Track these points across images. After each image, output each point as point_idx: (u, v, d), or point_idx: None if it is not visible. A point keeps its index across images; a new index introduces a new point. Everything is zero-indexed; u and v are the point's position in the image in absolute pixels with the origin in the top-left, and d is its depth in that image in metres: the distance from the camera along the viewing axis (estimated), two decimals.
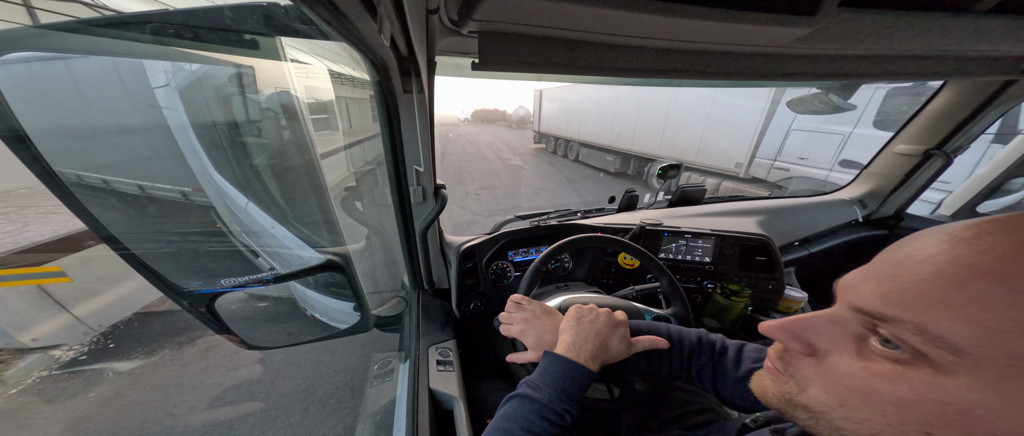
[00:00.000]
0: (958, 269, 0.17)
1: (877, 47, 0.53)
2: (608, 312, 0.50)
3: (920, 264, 0.19)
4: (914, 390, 0.18)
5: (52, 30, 0.40)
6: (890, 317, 0.19)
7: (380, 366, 0.93)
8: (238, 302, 1.06)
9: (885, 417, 0.19)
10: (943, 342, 0.17)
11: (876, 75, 0.67)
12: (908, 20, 0.46)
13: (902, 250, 0.21)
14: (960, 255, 0.18)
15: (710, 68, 0.57)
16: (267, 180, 1.30)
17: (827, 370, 0.23)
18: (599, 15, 0.39)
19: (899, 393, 0.19)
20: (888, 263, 0.21)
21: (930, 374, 0.18)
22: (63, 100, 0.73)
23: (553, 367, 0.42)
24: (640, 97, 6.38)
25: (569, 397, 0.40)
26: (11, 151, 0.43)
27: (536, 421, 0.37)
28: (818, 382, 0.23)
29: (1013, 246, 0.16)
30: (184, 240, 1.11)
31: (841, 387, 0.22)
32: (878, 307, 0.20)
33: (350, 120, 4.66)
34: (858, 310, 0.22)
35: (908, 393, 0.19)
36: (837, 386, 0.22)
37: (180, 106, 1.03)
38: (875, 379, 0.20)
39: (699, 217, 1.19)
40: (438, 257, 0.96)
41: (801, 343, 0.24)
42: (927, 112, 1.12)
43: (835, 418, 0.22)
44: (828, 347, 0.23)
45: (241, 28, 0.42)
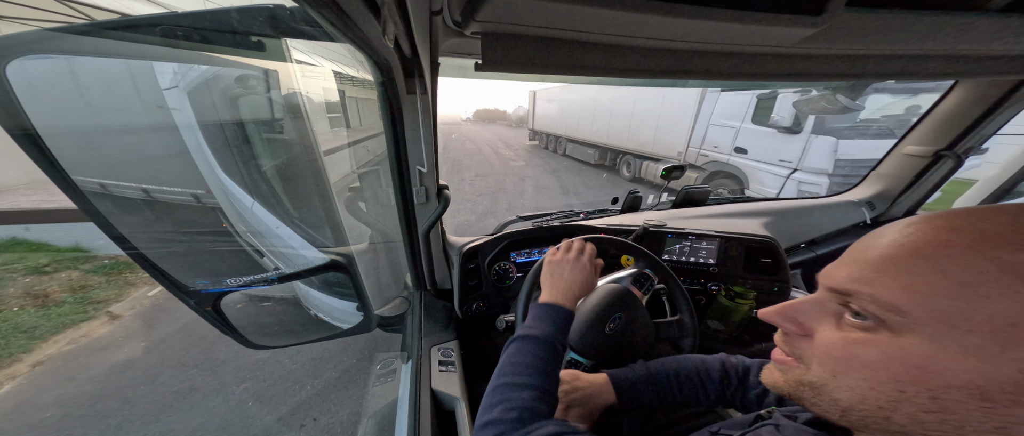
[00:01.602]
0: (895, 250, 0.22)
1: (885, 47, 0.52)
2: (568, 251, 0.59)
3: (874, 248, 0.24)
4: (881, 352, 0.22)
5: (65, 33, 0.41)
6: (854, 292, 0.24)
7: (383, 366, 0.93)
8: (243, 301, 1.08)
9: (867, 381, 0.23)
10: (891, 306, 0.22)
11: (884, 75, 0.66)
12: (917, 20, 0.45)
13: (864, 240, 0.25)
14: (895, 239, 0.23)
15: (715, 68, 0.57)
16: (272, 180, 1.31)
17: (817, 345, 0.26)
18: (602, 16, 0.39)
19: (871, 356, 0.23)
20: (854, 251, 0.26)
21: (890, 336, 0.22)
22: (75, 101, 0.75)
23: (538, 311, 0.51)
24: (613, 98, 7.21)
25: (558, 331, 0.48)
26: (23, 150, 0.44)
27: (536, 351, 0.45)
28: (815, 359, 0.26)
29: (931, 230, 0.22)
30: (191, 240, 1.13)
31: (829, 358, 0.25)
32: (845, 285, 0.24)
33: (356, 119, 4.82)
34: (832, 290, 0.26)
35: (877, 355, 0.22)
36: (826, 357, 0.25)
37: (188, 107, 1.04)
38: (852, 346, 0.24)
39: (703, 218, 1.18)
40: (441, 257, 0.96)
41: (794, 323, 0.28)
42: (937, 113, 1.10)
43: (832, 389, 0.25)
44: (815, 325, 0.27)
45: (248, 30, 0.42)
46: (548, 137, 11.64)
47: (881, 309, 0.22)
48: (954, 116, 1.07)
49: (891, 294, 0.22)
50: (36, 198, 3.26)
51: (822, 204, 1.36)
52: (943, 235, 0.21)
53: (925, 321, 0.20)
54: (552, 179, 7.23)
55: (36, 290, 2.57)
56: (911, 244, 0.22)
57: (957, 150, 1.10)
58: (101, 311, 2.42)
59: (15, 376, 1.85)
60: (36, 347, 2.06)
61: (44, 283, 2.67)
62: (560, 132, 10.30)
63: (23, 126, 0.43)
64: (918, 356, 0.20)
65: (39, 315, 2.34)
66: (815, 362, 0.26)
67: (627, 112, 6.74)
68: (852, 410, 0.24)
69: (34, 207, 3.11)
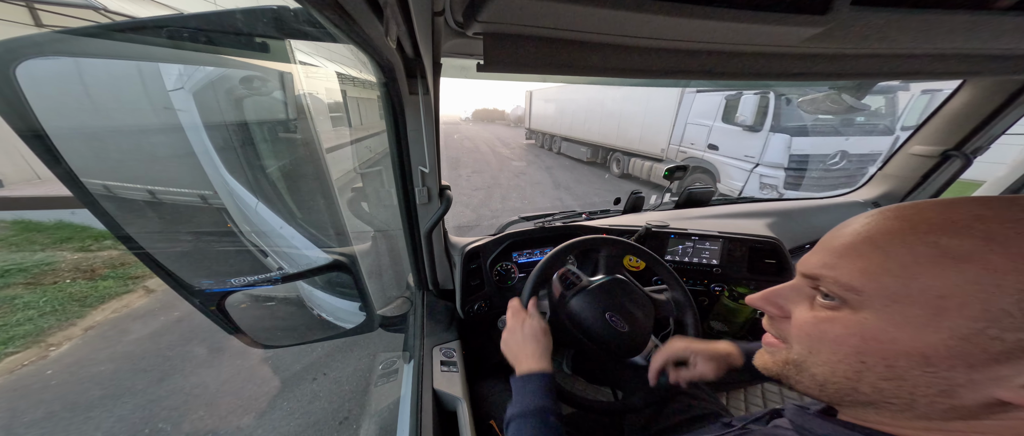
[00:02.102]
0: (851, 238, 0.26)
1: (891, 46, 0.52)
2: (527, 318, 0.58)
3: (838, 238, 0.27)
4: (844, 327, 0.25)
5: (74, 35, 0.42)
6: (821, 276, 0.27)
7: (385, 366, 0.93)
8: (247, 301, 1.09)
9: (835, 355, 0.25)
10: (849, 287, 0.25)
11: (890, 74, 0.65)
12: (924, 18, 0.45)
13: (834, 231, 0.28)
14: (856, 229, 0.26)
15: (718, 68, 0.56)
16: (276, 180, 1.32)
17: (794, 325, 0.29)
18: (606, 16, 0.39)
19: (837, 331, 0.25)
20: (824, 240, 0.28)
21: (850, 313, 0.25)
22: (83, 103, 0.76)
23: (517, 385, 0.51)
24: (603, 98, 7.53)
25: (541, 401, 0.48)
26: (33, 151, 0.45)
27: (531, 431, 0.46)
28: (795, 339, 0.29)
29: (882, 220, 0.25)
30: (196, 240, 1.14)
31: (805, 335, 0.28)
32: (814, 270, 0.27)
33: (357, 119, 5.02)
34: (805, 275, 0.29)
35: (841, 331, 0.25)
36: (802, 335, 0.28)
37: (194, 108, 1.05)
38: (822, 323, 0.27)
39: (706, 219, 1.18)
40: (443, 258, 0.96)
41: (776, 306, 0.31)
42: (945, 112, 1.09)
43: (809, 364, 0.27)
44: (793, 307, 0.30)
45: (252, 31, 0.43)
46: (544, 136, 12.15)
47: (842, 289, 0.25)
48: (962, 115, 1.05)
49: (849, 276, 0.25)
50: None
51: (827, 205, 1.35)
52: (891, 223, 0.24)
53: (875, 297, 0.23)
54: (545, 176, 7.59)
55: (84, 266, 2.94)
56: (866, 232, 0.25)
57: (965, 150, 1.09)
58: (138, 285, 2.77)
59: (71, 337, 2.19)
60: (87, 314, 2.40)
61: (90, 260, 3.03)
62: (555, 131, 10.64)
63: (32, 127, 0.44)
64: (873, 329, 0.23)
65: (88, 287, 2.67)
66: (794, 341, 0.29)
67: (616, 111, 7.10)
68: (827, 383, 0.26)
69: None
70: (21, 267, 2.82)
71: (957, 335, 0.20)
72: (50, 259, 3.00)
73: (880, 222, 0.25)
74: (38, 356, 2.02)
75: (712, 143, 4.89)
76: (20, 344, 2.07)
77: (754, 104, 4.17)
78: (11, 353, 2.00)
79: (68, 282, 2.72)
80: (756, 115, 4.17)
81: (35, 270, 2.82)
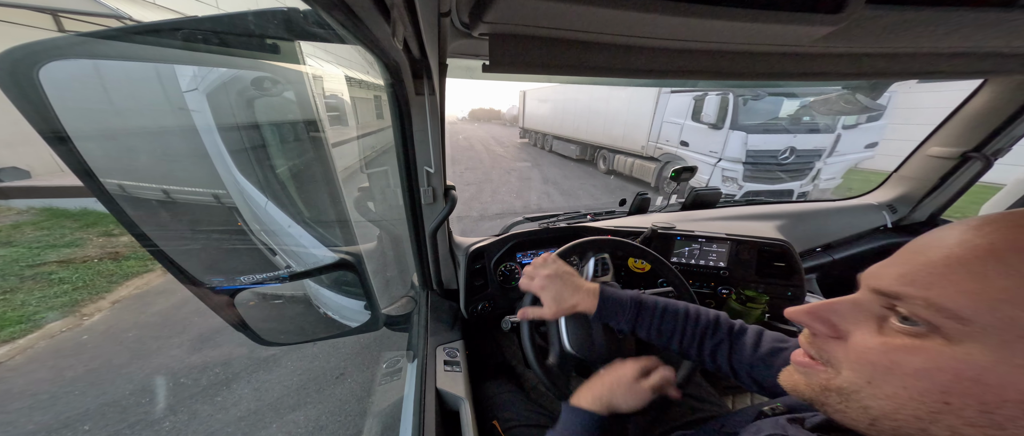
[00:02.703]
0: (962, 250, 0.20)
1: (908, 45, 0.50)
2: (561, 265, 0.55)
3: (933, 249, 0.22)
4: (930, 360, 0.20)
5: (94, 37, 0.43)
6: (904, 295, 0.22)
7: (389, 365, 0.94)
8: (255, 299, 1.11)
9: (907, 390, 0.21)
10: (949, 313, 0.20)
11: (907, 73, 0.63)
12: (942, 16, 0.43)
13: (922, 240, 0.23)
14: (966, 239, 0.21)
15: (728, 68, 0.55)
16: (285, 180, 1.34)
17: (852, 349, 0.25)
18: (612, 16, 0.39)
19: (917, 364, 0.21)
20: (908, 251, 0.24)
21: (943, 344, 0.20)
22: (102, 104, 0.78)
23: (567, 416, 0.48)
24: (591, 97, 7.80)
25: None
26: (54, 151, 0.47)
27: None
28: (847, 363, 0.25)
29: (1013, 230, 0.20)
30: (208, 238, 1.16)
31: (866, 364, 0.24)
32: (895, 287, 0.23)
33: (358, 117, 5.32)
34: (877, 292, 0.24)
35: (924, 363, 0.21)
36: (862, 363, 0.24)
37: (207, 109, 1.08)
38: (895, 352, 0.22)
39: (714, 221, 1.16)
40: (447, 257, 0.96)
41: (826, 325, 0.26)
42: (964, 113, 1.05)
43: (864, 396, 0.23)
44: (851, 327, 0.25)
45: (263, 33, 0.44)
46: (537, 135, 12.50)
47: (937, 315, 0.20)
48: (983, 116, 1.02)
49: (952, 299, 0.20)
50: None
51: (839, 207, 1.31)
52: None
53: (992, 330, 0.19)
54: (536, 172, 8.00)
55: (108, 248, 3.26)
56: (987, 245, 0.20)
57: (985, 151, 1.05)
58: (158, 266, 3.11)
59: (102, 309, 2.49)
60: (114, 289, 2.70)
61: (113, 243, 3.35)
62: (547, 130, 10.95)
63: (53, 127, 0.45)
64: (975, 367, 0.19)
65: (113, 266, 2.96)
66: (846, 367, 0.25)
67: (602, 110, 7.34)
68: (885, 418, 0.22)
69: None
70: (54, 247, 3.13)
71: None
72: (79, 240, 3.32)
73: (1011, 232, 0.19)
74: (74, 324, 2.31)
75: (683, 140, 5.24)
76: (58, 313, 2.36)
77: (716, 104, 4.53)
78: (51, 321, 2.28)
79: (96, 262, 3.02)
80: (718, 114, 4.54)
81: (66, 251, 3.11)
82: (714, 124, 4.61)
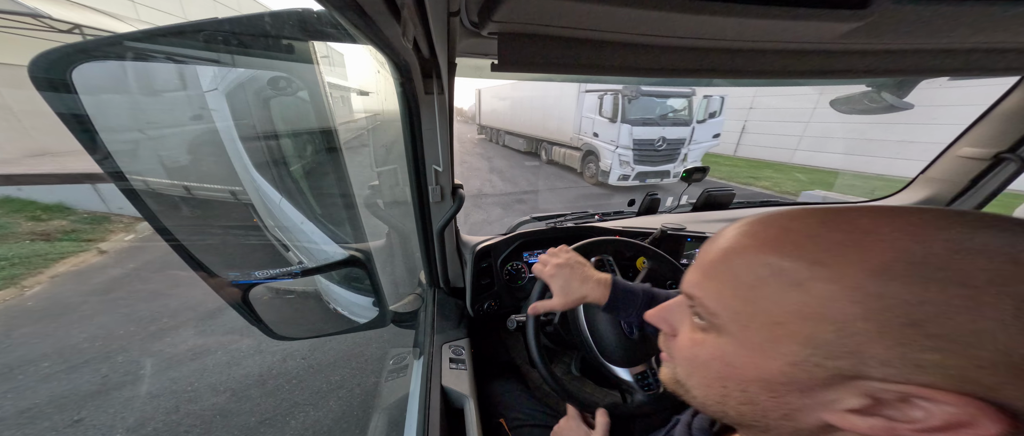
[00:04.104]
0: (715, 254, 0.24)
1: (939, 41, 0.48)
2: (574, 255, 0.58)
3: (706, 252, 0.25)
4: (708, 352, 0.24)
5: (122, 39, 0.45)
6: (692, 296, 0.25)
7: (395, 361, 0.95)
8: (269, 294, 1.15)
9: (705, 378, 0.25)
10: (708, 310, 0.24)
11: (937, 71, 0.60)
12: (977, 11, 0.41)
13: (710, 241, 0.26)
14: (720, 243, 0.24)
15: (745, 67, 0.54)
16: (298, 177, 1.38)
17: (676, 345, 0.28)
18: (624, 15, 0.38)
19: (703, 355, 0.25)
20: (701, 252, 0.26)
21: (714, 337, 0.24)
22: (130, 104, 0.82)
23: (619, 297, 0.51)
24: (533, 95, 8.60)
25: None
26: (85, 150, 0.49)
27: None
28: (677, 358, 0.28)
29: (737, 234, 0.23)
30: (225, 234, 1.20)
31: (684, 358, 0.27)
32: (687, 289, 0.26)
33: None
34: (683, 293, 0.28)
35: (706, 354, 0.24)
36: (682, 357, 0.27)
37: (226, 109, 1.12)
38: (694, 347, 0.26)
39: (726, 223, 1.13)
40: (454, 256, 0.97)
41: (665, 324, 0.30)
42: (999, 112, 0.99)
43: (689, 386, 0.27)
44: (678, 326, 0.29)
45: (279, 33, 0.45)
46: (491, 130, 13.00)
47: (705, 311, 0.24)
48: (1019, 114, 0.96)
49: (710, 298, 0.23)
50: (25, 166, 4.38)
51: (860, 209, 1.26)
52: (743, 239, 0.22)
53: (730, 322, 0.22)
54: (484, 163, 8.74)
55: (39, 230, 3.49)
56: (725, 247, 0.23)
57: (1021, 152, 0.99)
58: (92, 247, 3.33)
59: (41, 282, 2.77)
60: (52, 266, 2.95)
61: (43, 226, 3.57)
62: (499, 125, 11.62)
63: (86, 128, 0.48)
64: (730, 355, 0.23)
65: (47, 247, 3.23)
66: (677, 361, 0.28)
67: (541, 107, 8.11)
68: (705, 406, 0.26)
69: (24, 172, 4.19)
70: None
71: (789, 362, 0.20)
72: (8, 224, 3.52)
73: (736, 237, 0.23)
74: (16, 294, 2.59)
75: (595, 131, 6.20)
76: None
77: (611, 102, 5.70)
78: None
79: (29, 242, 3.28)
80: (613, 110, 5.67)
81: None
82: (611, 118, 5.72)
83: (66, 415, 1.62)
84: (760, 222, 0.23)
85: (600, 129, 6.03)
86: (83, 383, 1.78)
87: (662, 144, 5.83)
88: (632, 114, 5.58)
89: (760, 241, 0.21)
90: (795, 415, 0.21)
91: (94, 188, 3.88)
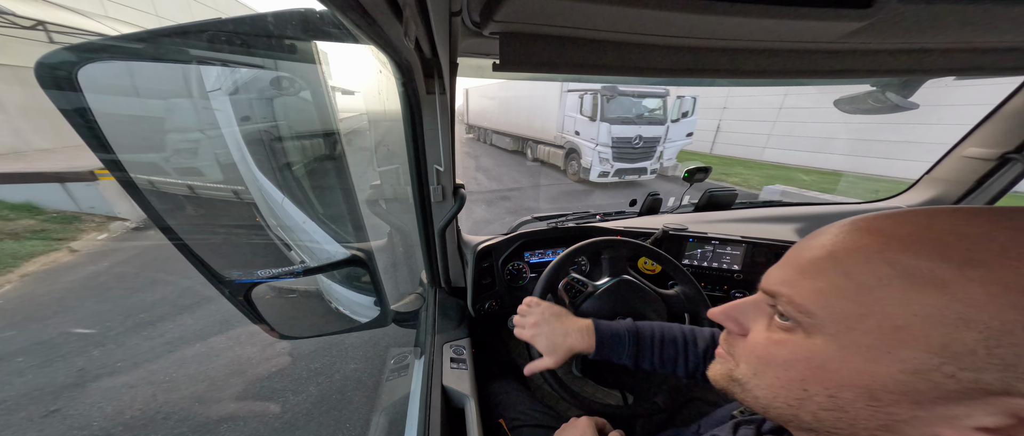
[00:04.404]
0: (818, 252, 0.23)
1: (945, 40, 0.47)
2: (548, 307, 0.56)
3: (806, 251, 0.24)
4: (792, 352, 0.23)
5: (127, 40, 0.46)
6: (779, 293, 0.25)
7: (396, 361, 0.95)
8: (271, 293, 1.15)
9: (779, 379, 0.24)
10: (803, 309, 0.23)
11: (943, 70, 0.59)
12: (983, 10, 0.40)
13: (803, 241, 0.26)
14: (824, 242, 0.23)
15: (748, 67, 0.53)
16: (301, 177, 1.39)
17: (747, 344, 0.28)
18: (626, 14, 0.38)
19: (784, 355, 0.24)
20: (791, 252, 0.26)
21: (802, 337, 0.23)
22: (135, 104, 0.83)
23: (604, 338, 0.50)
24: (517, 94, 8.81)
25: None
26: (91, 150, 0.50)
27: None
28: (743, 357, 0.28)
29: (851, 233, 0.22)
30: (228, 233, 1.21)
31: (754, 357, 0.26)
32: (773, 286, 0.25)
33: None
34: (764, 291, 0.27)
35: (789, 355, 0.23)
36: (751, 356, 0.27)
37: (229, 108, 1.13)
38: (772, 346, 0.25)
39: (728, 223, 1.12)
40: (455, 256, 0.97)
41: (734, 323, 0.29)
42: (1006, 111, 0.98)
43: (752, 386, 0.26)
44: (751, 324, 0.28)
45: (281, 33, 0.45)
46: (479, 130, 13.14)
47: (796, 311, 0.23)
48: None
49: (804, 297, 0.23)
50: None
51: (865, 209, 1.25)
52: (860, 238, 0.21)
53: (829, 323, 0.21)
54: (471, 162, 8.85)
55: (6, 230, 3.47)
56: (830, 247, 0.22)
57: None
58: (63, 246, 3.35)
59: (11, 281, 2.78)
60: (21, 265, 2.95)
61: (11, 226, 3.55)
62: (486, 125, 11.76)
63: (91, 127, 0.48)
64: (821, 357, 0.22)
65: (16, 246, 3.22)
66: (743, 360, 0.27)
67: (527, 106, 8.30)
68: (769, 407, 0.25)
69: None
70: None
71: (908, 369, 0.18)
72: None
73: (848, 235, 0.22)
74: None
75: (577, 130, 6.44)
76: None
77: (591, 101, 5.93)
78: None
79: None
80: (593, 109, 5.91)
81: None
82: (591, 117, 5.97)
83: (41, 406, 1.64)
84: (887, 219, 0.21)
85: (581, 128, 6.28)
86: (58, 377, 1.80)
87: (639, 142, 6.10)
88: (610, 113, 5.84)
89: (886, 239, 0.20)
90: (898, 427, 0.19)
91: (64, 187, 3.83)
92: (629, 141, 6.00)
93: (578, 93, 6.26)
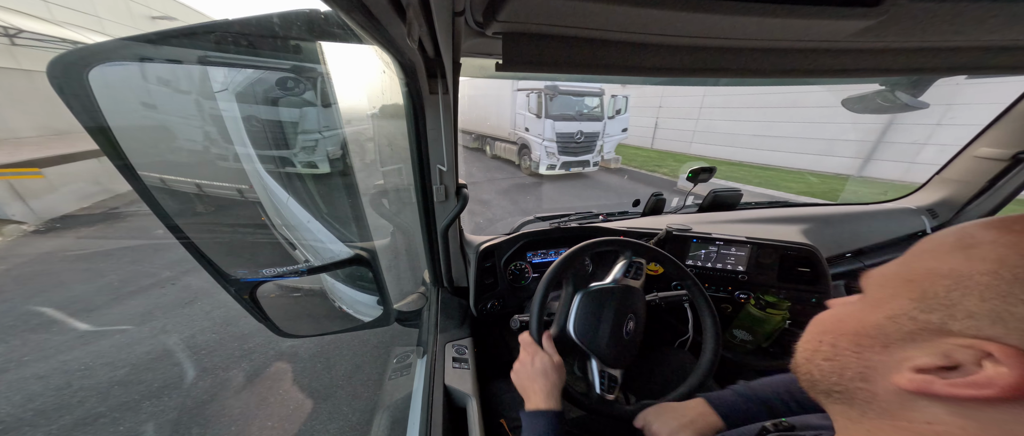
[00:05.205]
0: None
1: (955, 38, 0.46)
2: (539, 352, 0.57)
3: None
4: (832, 311, 0.27)
5: (136, 41, 0.46)
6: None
7: (399, 360, 0.95)
8: (276, 292, 1.16)
9: (810, 334, 0.27)
10: (866, 278, 0.25)
11: (953, 69, 0.58)
12: (994, 8, 0.39)
13: None
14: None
15: (755, 66, 0.53)
16: (306, 177, 1.40)
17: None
18: (630, 14, 0.37)
19: (825, 315, 0.27)
20: None
21: (847, 300, 0.26)
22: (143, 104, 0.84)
23: (527, 422, 0.51)
24: (474, 93, 8.97)
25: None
26: (100, 148, 0.50)
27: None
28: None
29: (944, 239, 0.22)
30: (234, 231, 1.23)
31: (811, 322, 0.28)
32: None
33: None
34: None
35: (828, 314, 0.27)
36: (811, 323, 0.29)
37: (235, 109, 1.14)
38: (826, 310, 0.28)
39: (733, 223, 1.11)
40: (458, 255, 0.97)
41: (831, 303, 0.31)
42: (1018, 111, 0.96)
43: (796, 349, 0.28)
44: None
45: (286, 34, 0.46)
46: None
47: (862, 283, 0.25)
48: None
49: (878, 270, 0.24)
50: None
51: (874, 211, 1.23)
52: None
53: (871, 285, 0.23)
54: None
55: None
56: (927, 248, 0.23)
57: None
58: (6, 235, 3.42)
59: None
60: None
61: None
62: None
63: (101, 127, 0.49)
64: (845, 311, 0.24)
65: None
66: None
67: (484, 104, 8.54)
68: (798, 364, 0.27)
69: None
70: None
71: (889, 314, 0.20)
72: None
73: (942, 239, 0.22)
74: None
75: (527, 126, 6.78)
76: None
77: (536, 99, 6.28)
78: None
79: None
80: (539, 107, 6.26)
81: None
82: (537, 114, 6.31)
83: None
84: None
85: (530, 124, 6.69)
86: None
87: (581, 137, 6.51)
88: (553, 110, 6.22)
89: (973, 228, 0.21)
90: (870, 376, 0.21)
91: None
92: (571, 136, 6.39)
93: (526, 92, 6.59)
